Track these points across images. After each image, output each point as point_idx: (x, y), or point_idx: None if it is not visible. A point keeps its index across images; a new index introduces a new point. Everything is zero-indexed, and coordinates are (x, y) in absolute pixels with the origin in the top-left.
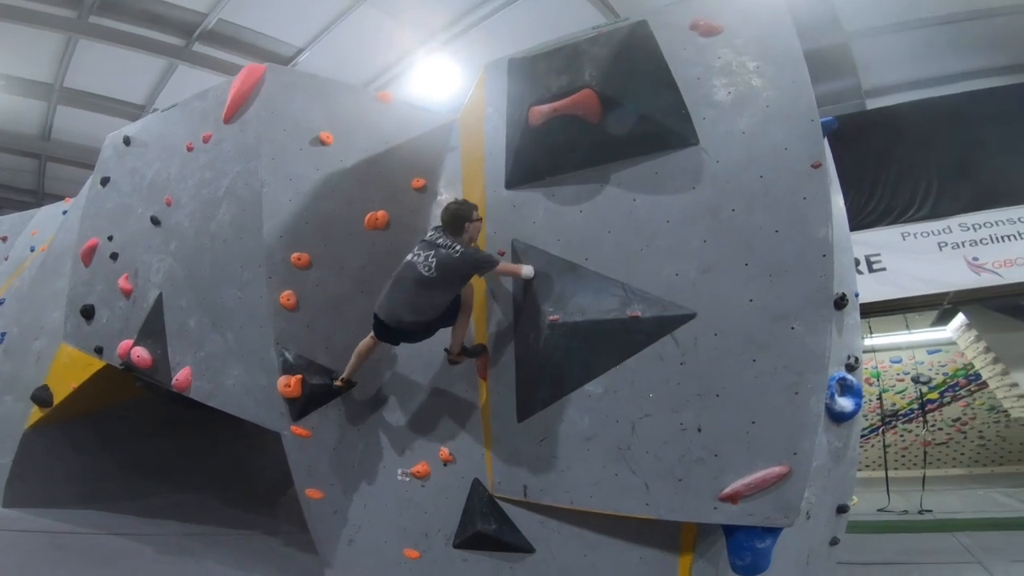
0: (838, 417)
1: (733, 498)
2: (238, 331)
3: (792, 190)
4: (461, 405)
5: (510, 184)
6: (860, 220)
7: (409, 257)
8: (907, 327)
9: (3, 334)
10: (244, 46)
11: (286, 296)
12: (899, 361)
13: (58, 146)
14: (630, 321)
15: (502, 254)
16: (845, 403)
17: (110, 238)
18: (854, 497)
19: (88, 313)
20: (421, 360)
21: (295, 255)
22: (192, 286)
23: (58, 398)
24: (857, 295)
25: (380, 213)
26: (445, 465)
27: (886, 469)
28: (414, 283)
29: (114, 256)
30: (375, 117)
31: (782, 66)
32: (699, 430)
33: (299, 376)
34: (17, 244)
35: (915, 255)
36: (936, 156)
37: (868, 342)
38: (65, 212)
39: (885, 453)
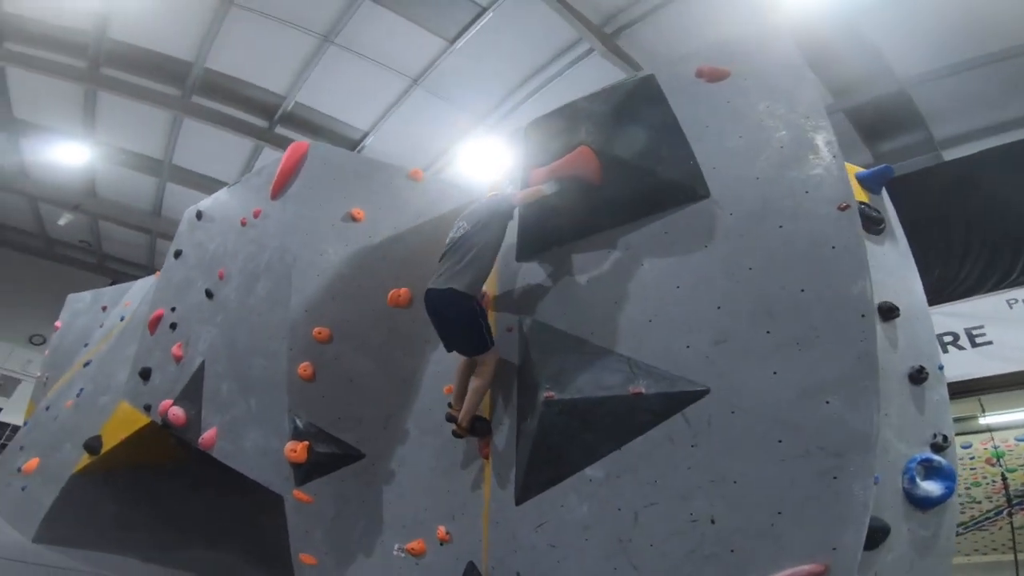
0: (922, 503)
1: None
2: (260, 398)
3: (817, 240)
4: (464, 484)
5: (520, 256)
6: (954, 289)
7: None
8: None
9: (81, 389)
10: (318, 129)
11: (303, 367)
12: None
13: (168, 223)
14: (633, 399)
15: (510, 331)
16: (931, 487)
17: (173, 309)
18: None
19: (145, 375)
20: (431, 437)
21: (316, 329)
22: (229, 355)
23: (107, 447)
24: (941, 368)
25: (403, 290)
26: (441, 545)
27: (1015, 552)
28: (452, 252)
29: (173, 326)
30: (405, 194)
31: (794, 102)
32: (712, 522)
33: (306, 443)
34: (112, 313)
35: None
36: None
37: (983, 421)
38: None
39: (1014, 535)
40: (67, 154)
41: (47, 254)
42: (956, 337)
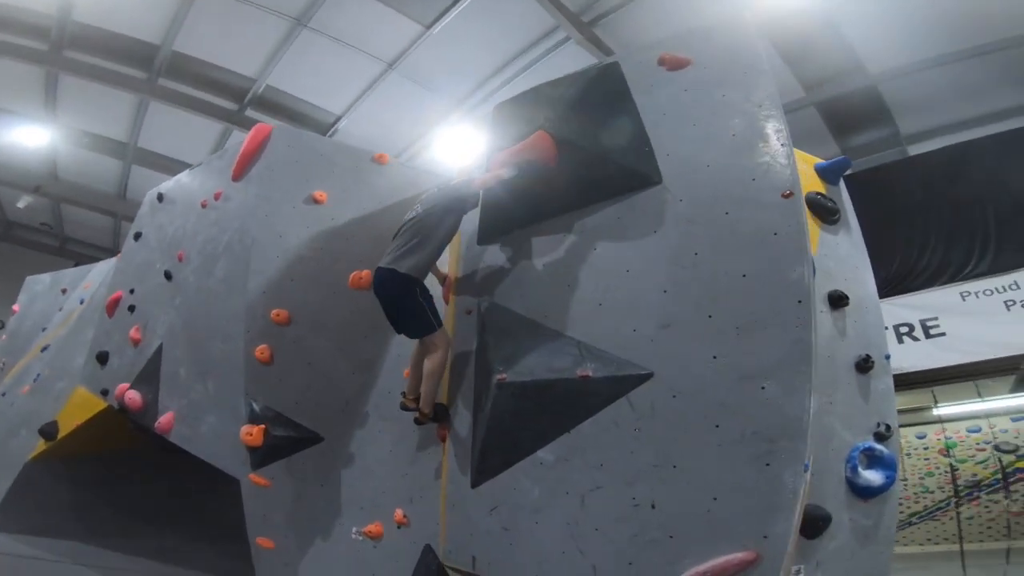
0: (864, 492)
1: None
2: (217, 381)
3: (760, 226)
4: (422, 468)
5: (481, 240)
6: (912, 280)
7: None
8: (979, 394)
9: (38, 375)
10: (290, 112)
11: (260, 350)
12: (978, 431)
13: (132, 206)
14: (580, 382)
15: (469, 313)
16: (872, 476)
17: (132, 291)
18: None
19: (102, 359)
20: (390, 421)
21: (274, 311)
22: (187, 338)
23: (63, 433)
24: (888, 357)
25: (365, 273)
26: (399, 528)
27: (961, 543)
28: (401, 234)
29: (131, 308)
30: (370, 177)
31: (748, 90)
32: (653, 507)
33: (262, 426)
34: (72, 296)
35: (979, 317)
36: (992, 202)
37: (937, 412)
38: None
39: (959, 526)
40: (26, 136)
41: (6, 237)
42: (911, 328)
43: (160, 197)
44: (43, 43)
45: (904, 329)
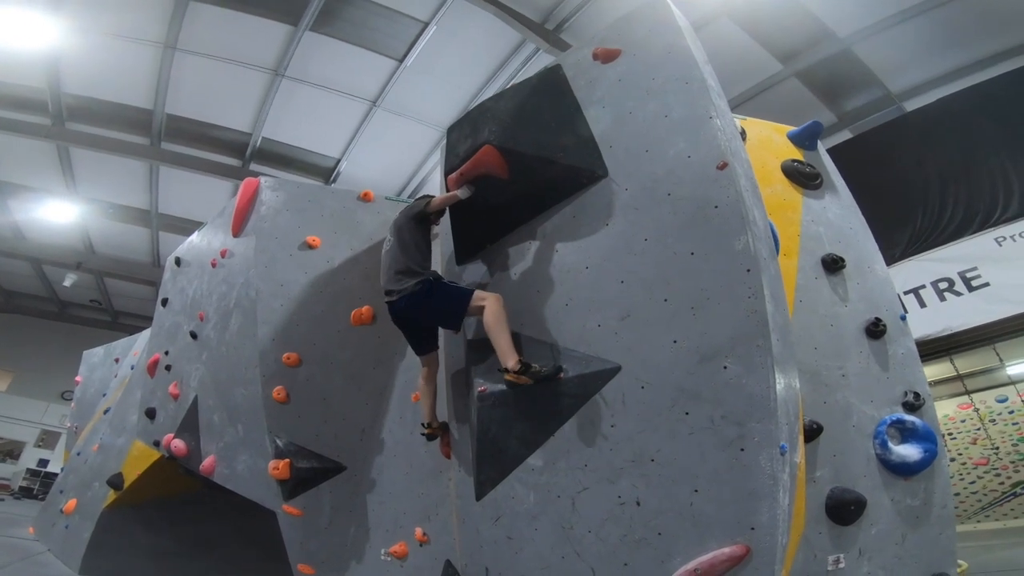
0: (901, 469)
1: None
2: (245, 423)
3: (700, 201)
4: (435, 486)
5: (459, 260)
6: (940, 233)
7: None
8: None
9: (103, 434)
10: (291, 161)
11: (277, 391)
12: None
13: None
14: (554, 384)
15: (457, 332)
16: (907, 451)
17: (166, 353)
18: (961, 562)
19: (151, 414)
20: (404, 445)
21: (285, 355)
22: (216, 388)
23: (128, 483)
24: (904, 318)
25: (365, 309)
26: (420, 546)
27: None
28: (390, 264)
29: (168, 368)
30: (358, 216)
31: (674, 68)
32: (638, 504)
33: (287, 460)
34: (124, 364)
35: (1021, 261)
36: (1008, 142)
37: (1010, 371)
38: None
39: None
40: (56, 212)
41: (63, 317)
42: (951, 283)
43: (178, 261)
44: (45, 118)
45: (943, 285)
